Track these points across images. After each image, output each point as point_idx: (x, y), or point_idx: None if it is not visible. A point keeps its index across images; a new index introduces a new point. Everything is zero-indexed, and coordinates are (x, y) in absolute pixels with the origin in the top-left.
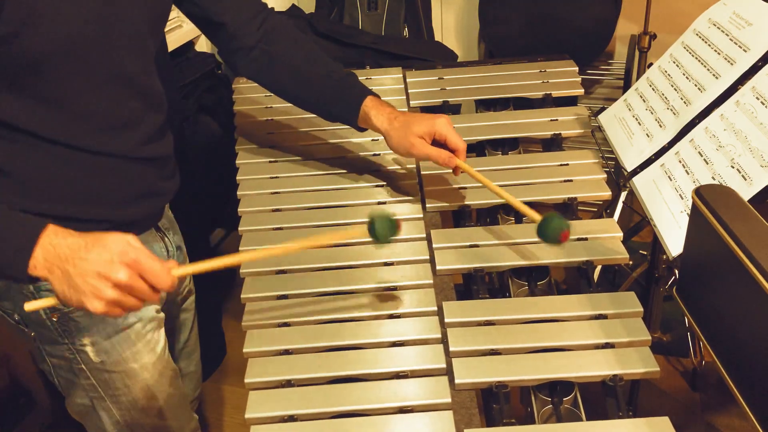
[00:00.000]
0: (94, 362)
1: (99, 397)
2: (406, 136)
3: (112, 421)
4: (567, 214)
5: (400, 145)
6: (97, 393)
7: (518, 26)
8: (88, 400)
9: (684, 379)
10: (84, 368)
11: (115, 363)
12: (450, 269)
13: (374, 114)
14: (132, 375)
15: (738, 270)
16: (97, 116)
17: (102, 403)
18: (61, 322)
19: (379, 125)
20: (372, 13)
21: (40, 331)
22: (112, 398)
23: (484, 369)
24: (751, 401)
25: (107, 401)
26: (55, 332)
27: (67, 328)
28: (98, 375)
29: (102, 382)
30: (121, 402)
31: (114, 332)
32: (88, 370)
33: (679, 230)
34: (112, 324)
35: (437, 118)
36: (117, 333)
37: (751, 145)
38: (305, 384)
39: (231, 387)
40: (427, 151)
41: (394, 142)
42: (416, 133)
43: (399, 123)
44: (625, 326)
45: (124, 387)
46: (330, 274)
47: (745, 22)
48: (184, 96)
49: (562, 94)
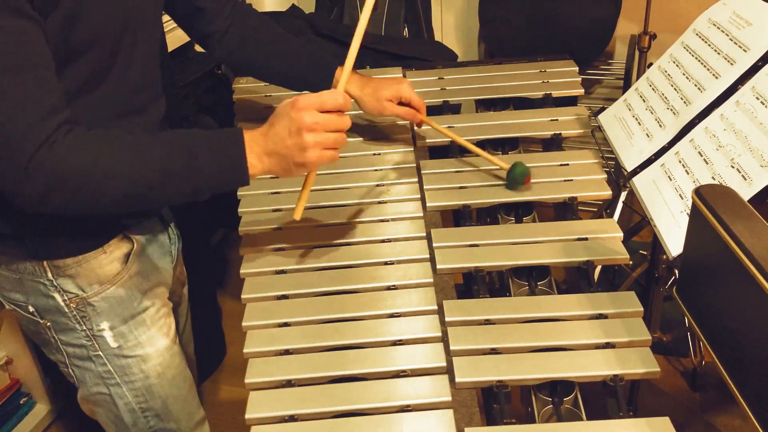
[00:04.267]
0: (111, 347)
1: (115, 383)
2: (378, 99)
3: (128, 408)
4: (567, 214)
5: (374, 108)
6: (113, 379)
7: (518, 26)
8: (104, 388)
9: (684, 379)
10: (101, 354)
11: (131, 348)
12: (450, 268)
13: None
14: (147, 359)
15: (738, 270)
16: (119, 101)
17: (118, 389)
18: (79, 308)
19: (351, 91)
20: (372, 13)
21: (56, 319)
22: (128, 384)
23: (484, 368)
24: (751, 401)
25: (123, 387)
26: (73, 319)
27: (85, 314)
28: (114, 361)
29: (118, 368)
30: (137, 388)
31: (130, 316)
32: (105, 356)
33: (679, 230)
34: (129, 308)
35: (401, 83)
36: (133, 317)
37: (751, 145)
38: (305, 384)
39: (231, 387)
40: (397, 111)
41: (368, 106)
42: (386, 97)
43: (370, 89)
44: (626, 326)
45: (140, 372)
46: (330, 274)
47: (745, 22)
48: (184, 96)
49: (562, 94)
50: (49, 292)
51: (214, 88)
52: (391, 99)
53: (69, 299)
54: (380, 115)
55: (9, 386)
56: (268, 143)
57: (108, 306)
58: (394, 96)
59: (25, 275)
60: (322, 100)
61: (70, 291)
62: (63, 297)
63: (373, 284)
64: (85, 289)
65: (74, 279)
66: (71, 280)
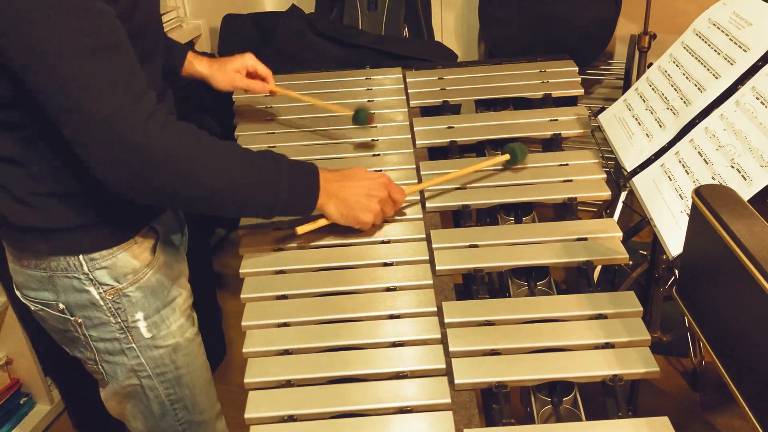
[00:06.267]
0: (145, 338)
1: (146, 375)
2: (227, 72)
3: (158, 401)
4: (567, 215)
5: (225, 81)
6: (145, 371)
7: (518, 26)
8: (136, 380)
9: (684, 379)
10: (134, 347)
11: (164, 337)
12: (450, 269)
13: (197, 62)
14: (177, 349)
15: (738, 270)
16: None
17: (149, 381)
18: (114, 300)
19: (201, 69)
20: (372, 13)
21: (89, 314)
22: (159, 377)
23: (483, 369)
24: (751, 401)
25: (154, 380)
26: (108, 312)
27: (120, 305)
28: (147, 352)
29: (150, 359)
30: (168, 380)
31: (162, 305)
32: (138, 347)
33: (679, 230)
34: (161, 297)
35: (244, 56)
36: (165, 306)
37: (751, 145)
38: (305, 384)
39: (231, 387)
40: (247, 82)
41: (219, 79)
42: (234, 69)
43: (217, 65)
44: (625, 326)
45: (171, 363)
46: (330, 274)
47: (745, 22)
48: (184, 96)
49: (562, 94)
50: (84, 286)
51: None
52: (239, 70)
53: (105, 291)
54: (232, 87)
55: (9, 386)
56: (342, 190)
57: (142, 296)
58: (241, 67)
59: (57, 272)
60: (397, 189)
61: (106, 283)
62: (99, 290)
63: (373, 285)
64: (120, 281)
65: (110, 271)
66: (107, 271)
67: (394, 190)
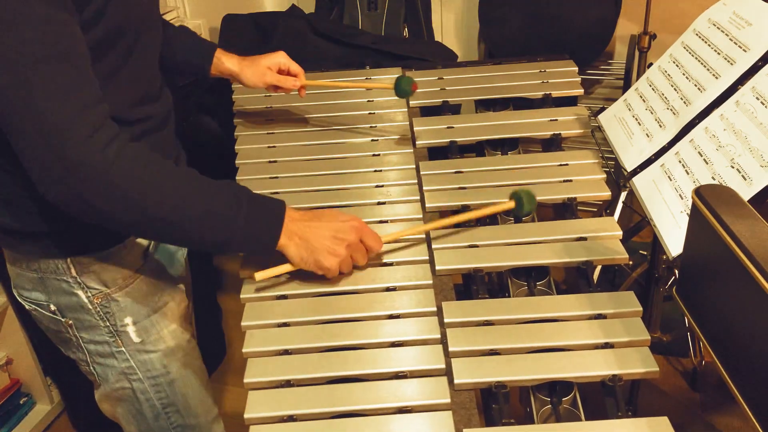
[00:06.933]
0: (134, 342)
1: (137, 379)
2: (258, 67)
3: (149, 404)
4: (566, 215)
5: (255, 76)
6: (136, 375)
7: (518, 26)
8: (126, 383)
9: (684, 379)
10: (124, 350)
11: (153, 342)
12: (449, 269)
13: (225, 59)
14: (169, 354)
15: (738, 270)
16: (141, 87)
17: (140, 385)
18: (103, 304)
19: (231, 66)
20: (372, 13)
21: (79, 317)
22: (150, 380)
23: (483, 369)
24: (751, 401)
25: (145, 383)
26: (96, 316)
27: (109, 310)
28: (137, 356)
29: (140, 363)
30: (159, 384)
31: (152, 311)
32: (128, 351)
33: (679, 230)
34: (151, 303)
35: (277, 53)
36: (155, 311)
37: (751, 145)
38: (305, 384)
39: (231, 387)
40: (277, 78)
41: (249, 75)
42: (266, 65)
43: (248, 62)
44: (625, 326)
45: (162, 367)
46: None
47: (745, 22)
48: (184, 96)
49: (562, 94)
50: (72, 289)
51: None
52: (271, 67)
53: (93, 295)
54: (263, 84)
55: (9, 386)
56: (306, 230)
57: (131, 301)
58: (274, 64)
59: (47, 274)
60: (372, 236)
61: (94, 287)
62: (87, 294)
63: (372, 285)
64: (108, 285)
65: (98, 275)
66: (95, 276)
67: (368, 236)
